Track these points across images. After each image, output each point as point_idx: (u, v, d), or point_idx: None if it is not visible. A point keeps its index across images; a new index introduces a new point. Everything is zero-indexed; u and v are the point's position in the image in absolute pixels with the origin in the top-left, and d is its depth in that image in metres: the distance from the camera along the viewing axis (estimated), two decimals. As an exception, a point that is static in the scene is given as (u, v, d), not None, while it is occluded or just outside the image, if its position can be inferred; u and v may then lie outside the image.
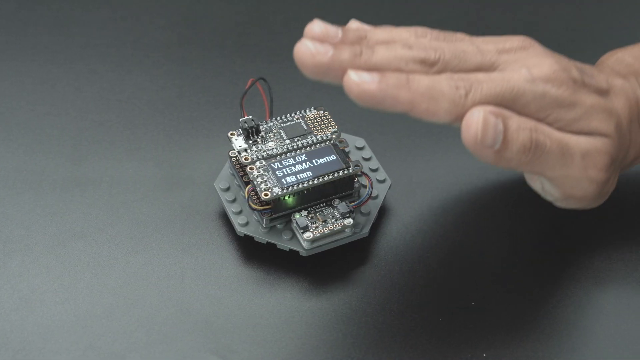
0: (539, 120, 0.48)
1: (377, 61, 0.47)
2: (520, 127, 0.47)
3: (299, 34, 0.67)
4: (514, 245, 0.56)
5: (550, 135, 0.48)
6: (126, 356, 0.51)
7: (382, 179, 0.57)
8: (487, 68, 0.48)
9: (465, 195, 0.58)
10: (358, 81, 0.46)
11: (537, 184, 0.51)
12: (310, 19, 0.68)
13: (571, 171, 0.48)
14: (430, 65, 0.48)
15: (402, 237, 0.56)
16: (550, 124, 0.48)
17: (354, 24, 0.50)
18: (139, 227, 0.56)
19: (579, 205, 0.51)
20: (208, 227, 0.56)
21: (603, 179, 0.49)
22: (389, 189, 0.57)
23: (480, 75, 0.47)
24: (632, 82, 0.52)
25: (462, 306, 0.53)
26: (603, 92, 0.50)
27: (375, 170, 0.57)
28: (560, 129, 0.48)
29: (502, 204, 0.57)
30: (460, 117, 0.47)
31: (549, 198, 0.51)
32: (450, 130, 0.61)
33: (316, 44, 0.47)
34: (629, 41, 0.58)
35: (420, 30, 0.49)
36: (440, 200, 0.58)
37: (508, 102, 0.47)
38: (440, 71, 0.48)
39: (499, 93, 0.47)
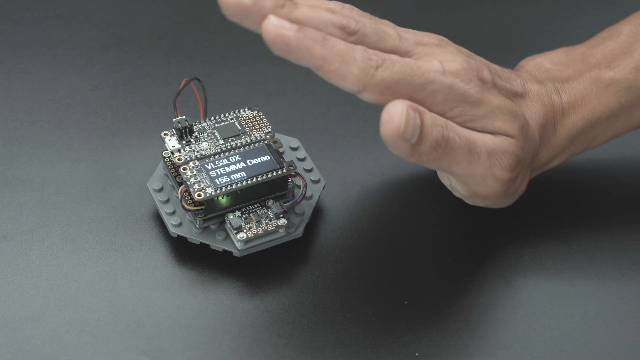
0: (444, 112, 0.49)
1: (299, 16, 0.48)
2: (434, 123, 0.48)
3: (234, 34, 0.67)
4: (446, 244, 0.56)
5: (458, 132, 0.49)
6: (57, 358, 0.51)
7: (317, 179, 0.57)
8: (403, 54, 0.50)
9: (399, 196, 0.58)
10: (277, 25, 0.46)
11: (446, 180, 0.53)
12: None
13: (477, 169, 0.50)
14: (349, 34, 0.49)
15: (336, 238, 0.56)
16: (453, 118, 0.50)
17: None
18: (71, 228, 0.56)
19: (487, 204, 0.53)
20: (141, 227, 0.56)
21: (507, 178, 0.51)
22: (323, 189, 0.57)
23: (395, 57, 0.49)
24: (548, 87, 0.54)
25: (395, 306, 0.53)
26: (517, 95, 0.53)
27: (309, 171, 0.57)
28: (462, 124, 0.50)
29: (435, 206, 0.58)
30: (367, 88, 0.48)
31: (457, 194, 0.53)
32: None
33: None
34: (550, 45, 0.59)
35: (348, 5, 0.51)
36: (374, 201, 0.58)
37: (417, 87, 0.48)
38: (358, 42, 0.49)
39: (409, 75, 0.48)
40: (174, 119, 0.55)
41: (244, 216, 0.54)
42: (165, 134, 0.55)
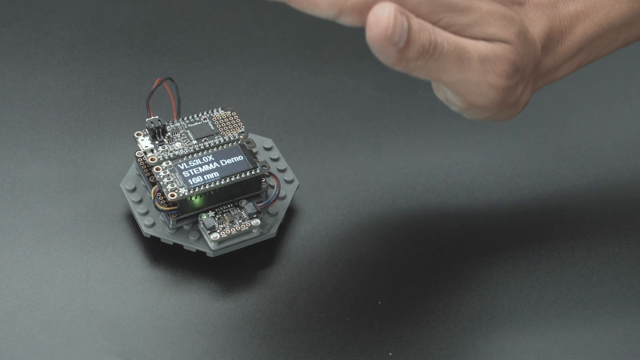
0: (433, 23, 0.48)
1: None
2: (422, 27, 0.47)
3: (208, 34, 0.66)
4: (420, 245, 0.56)
5: (447, 38, 0.47)
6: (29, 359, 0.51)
7: (290, 179, 0.57)
8: None
9: (372, 196, 0.58)
10: None
11: (441, 93, 0.51)
12: (218, 19, 0.67)
13: (468, 76, 0.48)
14: None
15: (309, 238, 0.56)
16: (444, 28, 0.48)
17: None
18: (43, 229, 0.55)
19: (486, 116, 0.51)
20: (114, 228, 0.56)
21: (504, 85, 0.49)
22: (296, 189, 0.57)
23: None
24: None
25: (369, 306, 0.53)
26: (516, 3, 0.51)
27: (283, 171, 0.57)
28: (455, 33, 0.48)
29: (409, 204, 0.58)
30: (343, 12, 0.46)
31: (453, 108, 0.51)
32: (357, 131, 0.61)
33: None
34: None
35: None
36: (348, 201, 0.58)
37: (397, 2, 0.47)
38: None
39: None
40: (146, 119, 0.55)
41: (217, 216, 0.54)
42: (138, 134, 0.55)
